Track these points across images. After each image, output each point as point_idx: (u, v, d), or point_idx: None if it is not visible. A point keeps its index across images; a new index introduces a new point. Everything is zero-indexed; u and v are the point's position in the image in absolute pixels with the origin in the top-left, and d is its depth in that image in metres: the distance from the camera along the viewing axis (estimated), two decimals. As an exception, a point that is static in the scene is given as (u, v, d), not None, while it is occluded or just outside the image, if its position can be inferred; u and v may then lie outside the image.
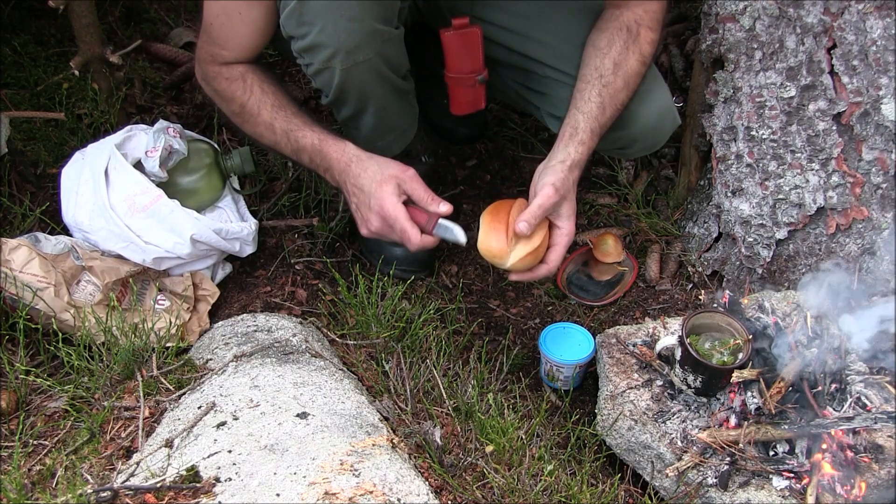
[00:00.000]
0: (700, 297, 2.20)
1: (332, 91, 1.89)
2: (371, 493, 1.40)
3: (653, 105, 1.99)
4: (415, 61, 2.01)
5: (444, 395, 1.82)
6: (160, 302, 1.98)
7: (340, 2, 1.72)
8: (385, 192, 1.81)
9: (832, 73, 1.93)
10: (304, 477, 1.42)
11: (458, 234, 1.83)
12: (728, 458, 1.71)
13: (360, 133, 2.10)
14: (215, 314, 2.08)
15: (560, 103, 1.99)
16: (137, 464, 1.51)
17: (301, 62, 1.87)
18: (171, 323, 1.89)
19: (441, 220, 1.84)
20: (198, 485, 1.41)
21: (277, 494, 1.38)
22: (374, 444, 1.53)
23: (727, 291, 2.11)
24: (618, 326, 2.04)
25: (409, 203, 1.84)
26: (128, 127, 2.11)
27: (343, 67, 1.80)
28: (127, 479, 1.47)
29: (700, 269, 2.26)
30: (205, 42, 1.91)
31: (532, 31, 2.03)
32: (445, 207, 1.83)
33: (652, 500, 1.75)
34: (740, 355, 1.78)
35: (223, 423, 1.56)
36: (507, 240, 1.78)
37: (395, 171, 1.83)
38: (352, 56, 1.79)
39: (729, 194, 2.15)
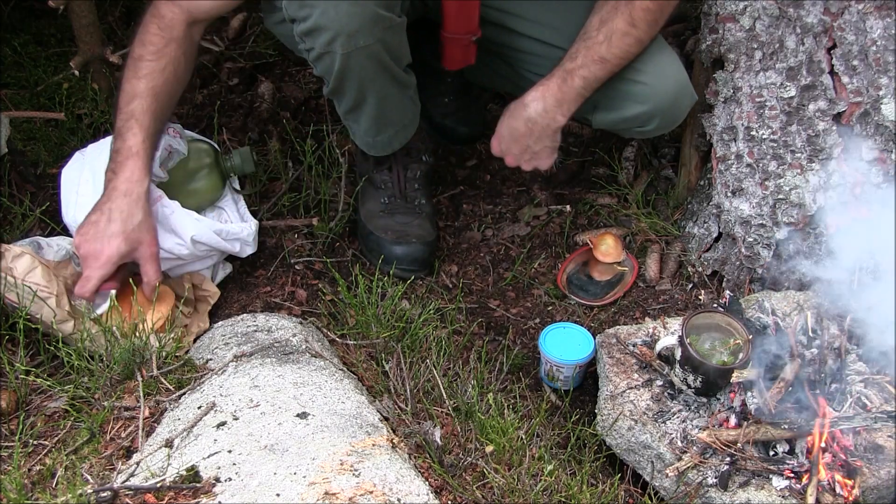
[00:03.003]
0: (700, 297, 2.20)
1: (332, 78, 1.89)
2: (371, 493, 1.40)
3: (669, 80, 2.03)
4: (416, 60, 2.02)
5: (444, 395, 1.82)
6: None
7: None
8: (118, 245, 1.84)
9: (832, 73, 1.93)
10: (304, 477, 1.42)
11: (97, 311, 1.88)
12: (728, 458, 1.71)
13: (360, 127, 2.10)
14: (215, 314, 2.08)
15: None
16: (137, 464, 1.51)
17: (303, 47, 1.87)
18: (171, 323, 1.89)
19: (108, 292, 1.88)
20: (198, 485, 1.41)
21: (277, 494, 1.38)
22: (374, 444, 1.53)
23: (727, 291, 2.11)
24: (618, 326, 2.04)
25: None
26: (128, 127, 2.11)
27: (344, 52, 1.81)
28: (127, 479, 1.47)
29: (700, 269, 2.26)
30: None
31: (549, 18, 2.07)
32: (142, 297, 1.88)
33: (652, 500, 1.75)
34: (740, 355, 1.78)
35: (223, 423, 1.56)
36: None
37: (145, 240, 1.86)
38: (353, 40, 1.79)
39: (729, 194, 2.15)
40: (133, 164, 1.86)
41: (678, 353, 1.79)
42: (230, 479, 1.42)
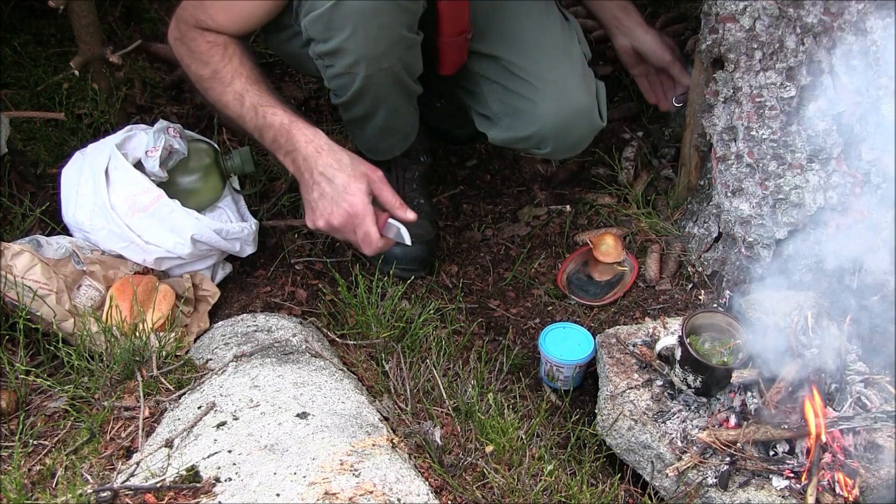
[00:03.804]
0: (700, 297, 2.20)
1: (348, 94, 1.88)
2: (371, 493, 1.40)
3: (563, 103, 1.99)
4: None
5: (444, 395, 1.82)
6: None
7: (373, 8, 1.71)
8: (358, 188, 1.78)
9: (832, 73, 1.93)
10: (304, 477, 1.42)
11: (405, 235, 1.83)
12: (728, 458, 1.71)
13: (364, 134, 2.10)
14: (215, 314, 2.08)
15: (485, 100, 2.07)
16: (137, 464, 1.51)
17: (320, 63, 1.86)
18: (171, 323, 1.89)
19: (390, 220, 1.84)
20: (198, 485, 1.41)
21: (277, 494, 1.38)
22: (374, 444, 1.53)
23: (727, 291, 2.11)
24: (618, 326, 2.04)
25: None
26: (128, 127, 2.11)
27: (367, 74, 1.80)
28: (127, 479, 1.48)
29: (700, 269, 2.26)
30: (194, 7, 1.88)
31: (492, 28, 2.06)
32: (412, 214, 1.82)
33: (652, 500, 1.75)
34: (740, 355, 1.78)
35: (223, 423, 1.56)
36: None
37: (367, 170, 1.81)
38: (377, 63, 1.79)
39: (729, 194, 2.15)
40: (297, 128, 1.82)
41: (678, 353, 1.79)
42: (230, 479, 1.43)
